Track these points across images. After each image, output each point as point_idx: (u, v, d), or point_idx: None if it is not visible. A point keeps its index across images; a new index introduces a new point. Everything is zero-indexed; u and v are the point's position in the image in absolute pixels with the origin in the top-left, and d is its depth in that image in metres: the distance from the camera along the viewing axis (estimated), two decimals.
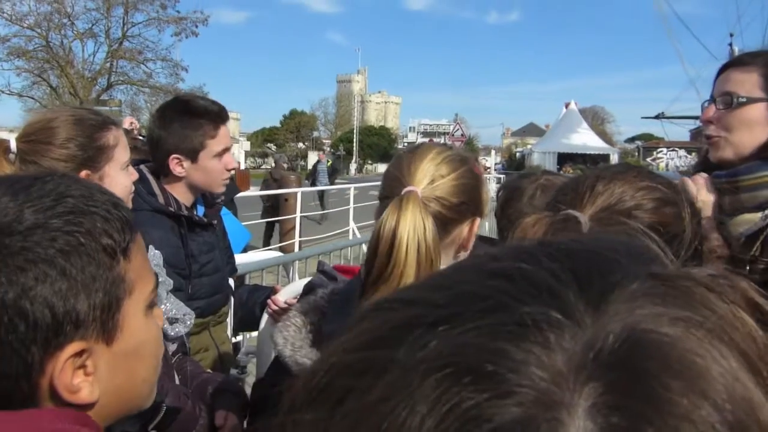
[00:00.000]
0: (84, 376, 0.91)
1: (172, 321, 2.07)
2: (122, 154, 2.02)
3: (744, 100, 1.86)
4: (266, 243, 13.05)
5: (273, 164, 18.30)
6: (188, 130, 2.52)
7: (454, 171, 1.47)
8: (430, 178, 1.43)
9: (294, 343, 1.49)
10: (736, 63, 1.96)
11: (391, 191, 1.44)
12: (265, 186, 14.68)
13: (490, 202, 1.67)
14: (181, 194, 2.60)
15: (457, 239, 1.52)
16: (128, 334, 0.96)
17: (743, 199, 1.86)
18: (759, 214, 1.83)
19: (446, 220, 1.45)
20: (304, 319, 1.56)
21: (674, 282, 0.41)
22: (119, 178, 2.01)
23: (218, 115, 2.58)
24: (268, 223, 13.48)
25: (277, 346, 1.51)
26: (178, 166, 2.54)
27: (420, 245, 1.33)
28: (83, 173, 1.89)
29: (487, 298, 0.39)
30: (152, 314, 1.04)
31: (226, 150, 2.63)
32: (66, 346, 0.88)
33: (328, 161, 22.73)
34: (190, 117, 2.54)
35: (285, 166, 17.57)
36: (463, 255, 1.55)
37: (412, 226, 1.33)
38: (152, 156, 2.64)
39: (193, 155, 2.54)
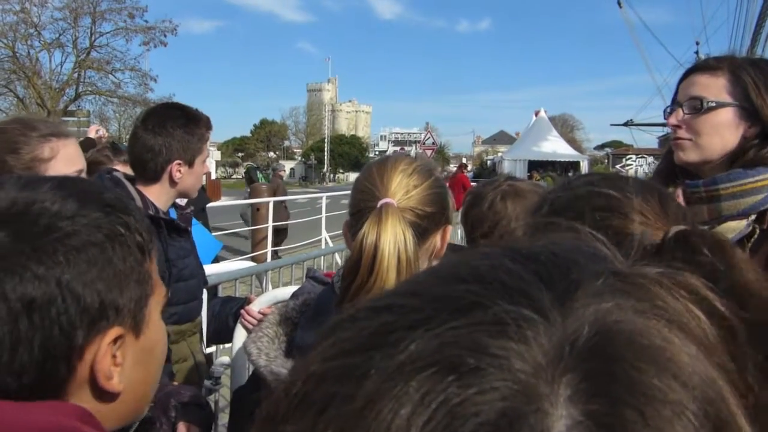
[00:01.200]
0: (114, 365, 0.92)
1: None
2: (64, 167, 1.98)
3: (713, 104, 1.88)
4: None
5: (271, 173, 17.80)
6: (191, 137, 2.63)
7: (425, 181, 1.49)
8: (404, 189, 1.45)
9: (268, 353, 1.48)
10: (702, 67, 1.96)
11: (365, 204, 1.45)
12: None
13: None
14: (157, 199, 2.63)
15: (431, 247, 1.53)
16: (151, 330, 0.99)
17: (724, 207, 1.85)
18: (744, 222, 1.83)
19: (422, 229, 1.46)
20: (276, 330, 1.56)
21: (631, 279, 0.43)
22: None
23: (209, 121, 2.72)
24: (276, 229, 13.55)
25: (251, 356, 1.51)
26: (177, 171, 2.62)
27: (401, 256, 1.35)
28: None
29: (460, 300, 0.40)
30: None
31: (207, 154, 2.76)
32: (108, 330, 0.90)
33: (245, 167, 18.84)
34: (191, 124, 2.64)
35: (283, 174, 17.20)
36: (435, 263, 1.55)
37: (393, 239, 1.35)
38: (145, 163, 2.63)
39: (191, 160, 2.65)
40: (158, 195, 2.63)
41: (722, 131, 1.89)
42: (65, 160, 2.00)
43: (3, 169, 1.88)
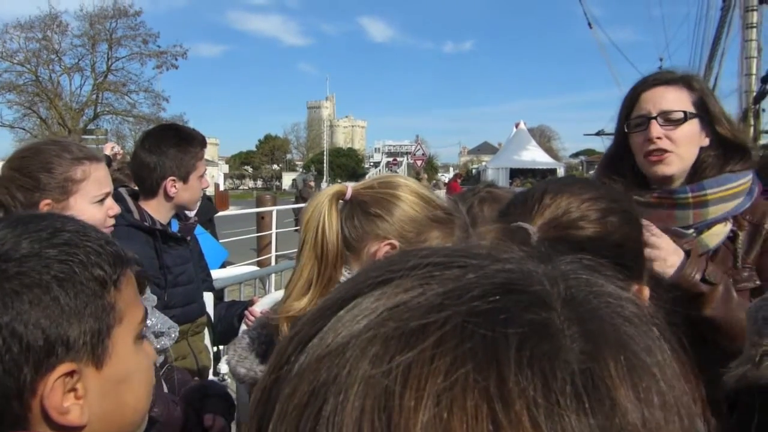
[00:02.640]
0: (74, 399, 0.89)
1: (158, 335, 2.02)
2: (93, 188, 1.97)
3: (691, 115, 1.81)
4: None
5: (301, 183, 18.08)
6: (184, 155, 2.63)
7: (395, 189, 1.47)
8: (369, 183, 1.49)
9: (241, 354, 1.45)
10: (664, 81, 1.88)
11: None
12: (296, 203, 15.04)
13: None
14: (156, 212, 2.64)
15: (365, 255, 1.46)
16: (117, 360, 0.94)
17: (711, 211, 1.80)
18: (728, 226, 1.80)
19: (358, 223, 1.44)
20: (260, 332, 1.53)
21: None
22: (86, 210, 1.94)
23: (203, 139, 2.73)
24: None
25: (227, 356, 1.49)
26: (172, 187, 2.62)
27: (318, 228, 1.39)
28: (43, 203, 1.87)
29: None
30: (142, 345, 1.02)
31: (204, 171, 2.74)
32: (57, 367, 0.86)
33: None
34: (184, 143, 2.64)
35: (312, 185, 17.46)
36: None
37: (316, 206, 1.42)
38: (143, 179, 2.66)
39: (185, 176, 2.64)
40: (156, 209, 2.64)
41: (694, 141, 1.84)
42: (95, 182, 1.98)
43: (37, 187, 1.87)
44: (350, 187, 1.41)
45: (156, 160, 2.61)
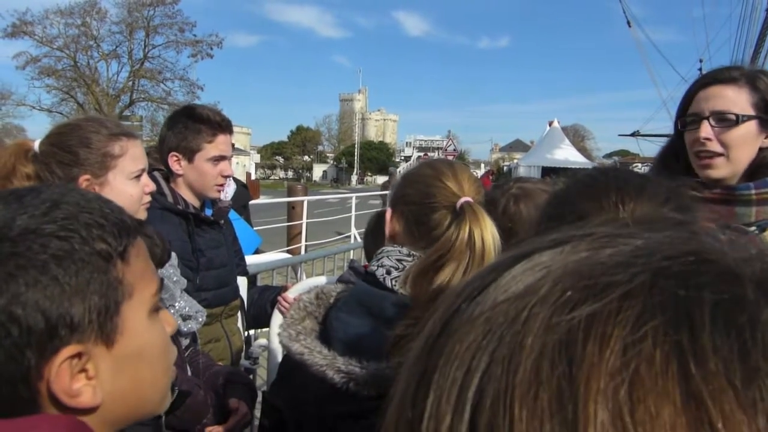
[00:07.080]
0: (86, 380, 0.84)
1: (186, 318, 2.06)
2: (130, 164, 1.98)
3: (745, 118, 1.76)
4: None
5: (388, 176, 19.49)
6: (188, 132, 2.58)
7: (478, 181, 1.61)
8: (477, 189, 1.55)
9: (300, 331, 1.47)
10: (724, 79, 1.82)
11: (440, 200, 1.51)
12: (382, 190, 16.42)
13: None
14: (189, 196, 2.63)
15: None
16: (129, 337, 0.89)
17: (738, 213, 1.75)
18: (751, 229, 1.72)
19: None
20: (314, 311, 1.54)
21: None
22: (124, 186, 1.96)
23: (218, 124, 2.62)
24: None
25: (280, 336, 1.49)
26: (176, 163, 2.60)
27: (497, 248, 1.41)
28: (83, 178, 1.89)
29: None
30: (158, 317, 0.96)
31: (223, 158, 2.65)
32: (61, 349, 0.81)
33: None
34: (192, 121, 2.59)
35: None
36: None
37: (493, 232, 1.43)
38: (159, 154, 2.68)
39: (189, 155, 2.59)
40: (181, 189, 2.63)
41: (749, 143, 1.78)
42: (132, 158, 1.99)
43: (76, 162, 1.89)
44: (468, 198, 1.48)
45: (165, 135, 2.62)
